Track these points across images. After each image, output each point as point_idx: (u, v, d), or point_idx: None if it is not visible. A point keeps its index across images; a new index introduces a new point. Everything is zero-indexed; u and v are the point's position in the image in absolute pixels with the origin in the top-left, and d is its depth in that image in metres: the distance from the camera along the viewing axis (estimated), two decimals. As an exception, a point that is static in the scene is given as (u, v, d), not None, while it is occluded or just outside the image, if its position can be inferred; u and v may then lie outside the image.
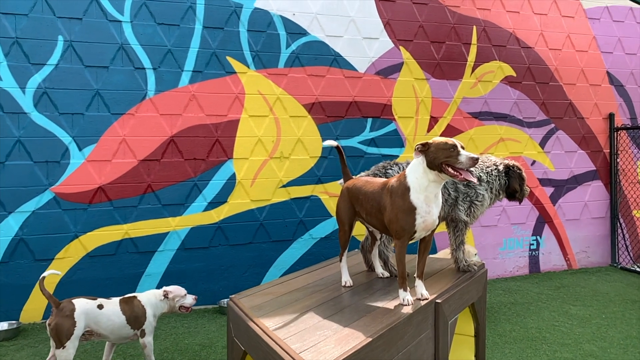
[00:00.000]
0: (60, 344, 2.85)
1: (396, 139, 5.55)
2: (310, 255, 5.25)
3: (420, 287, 2.50)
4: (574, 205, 6.26)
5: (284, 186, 5.13)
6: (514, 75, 5.97)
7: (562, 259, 6.25)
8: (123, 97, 4.63)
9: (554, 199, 6.18)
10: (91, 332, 3.01)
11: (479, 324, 3.12)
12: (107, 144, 4.59)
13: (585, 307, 4.81)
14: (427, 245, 2.47)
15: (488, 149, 5.90)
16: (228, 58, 4.93)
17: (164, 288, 3.26)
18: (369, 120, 5.43)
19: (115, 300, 3.12)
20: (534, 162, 6.09)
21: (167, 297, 3.22)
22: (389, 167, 3.04)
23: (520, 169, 3.11)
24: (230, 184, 4.96)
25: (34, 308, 4.41)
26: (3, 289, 4.33)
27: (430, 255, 4.51)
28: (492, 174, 3.06)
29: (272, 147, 5.08)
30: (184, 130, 4.80)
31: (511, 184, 3.07)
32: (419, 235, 2.40)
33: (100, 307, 3.01)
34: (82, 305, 2.94)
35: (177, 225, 4.81)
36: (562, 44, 6.15)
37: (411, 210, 2.33)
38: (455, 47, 5.73)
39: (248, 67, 4.99)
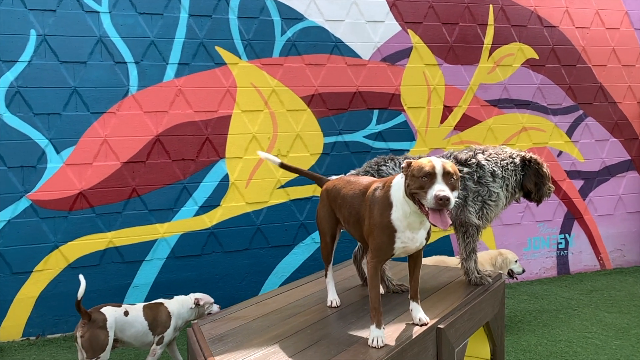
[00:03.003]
0: (94, 356, 2.83)
1: (406, 132, 5.06)
2: (313, 261, 4.82)
3: (417, 310, 2.04)
4: (607, 199, 5.69)
5: (282, 187, 4.71)
6: (537, 57, 5.41)
7: (594, 258, 5.69)
8: (103, 95, 4.27)
9: (583, 192, 5.61)
10: (117, 340, 2.98)
11: (496, 346, 2.64)
12: (87, 146, 4.24)
13: (622, 314, 4.27)
14: (417, 260, 2.01)
15: (509, 139, 5.36)
16: (217, 48, 4.52)
17: (192, 296, 3.24)
18: (375, 112, 4.96)
19: (139, 306, 3.10)
20: (560, 152, 5.53)
21: (199, 305, 3.18)
22: (382, 163, 2.57)
23: (539, 164, 2.60)
24: (223, 185, 4.56)
25: (12, 325, 4.09)
26: (-21, 305, 4.03)
27: (443, 258, 4.02)
28: (507, 168, 2.57)
29: (268, 145, 4.66)
30: (171, 129, 4.42)
31: (524, 181, 2.58)
32: (399, 254, 1.95)
33: (126, 313, 3.00)
34: (111, 314, 2.92)
35: (165, 232, 4.43)
36: (590, 21, 5.56)
37: (391, 231, 1.88)
38: (470, 29, 5.20)
39: (239, 57, 4.57)
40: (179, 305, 3.17)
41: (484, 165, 2.52)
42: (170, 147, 4.42)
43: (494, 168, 2.53)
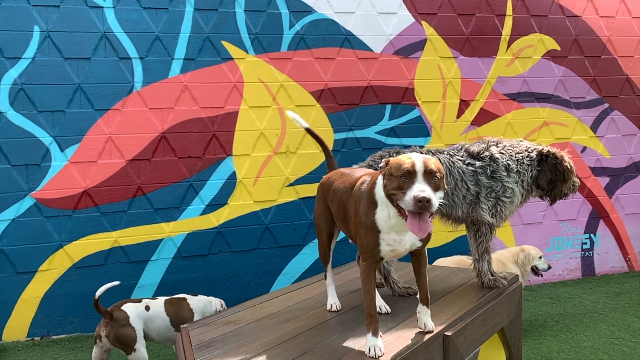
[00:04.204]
0: (130, 349, 2.88)
1: (420, 127, 4.87)
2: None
3: (424, 314, 1.84)
4: (635, 197, 5.40)
5: (291, 184, 4.56)
6: (558, 49, 5.16)
7: (621, 259, 5.41)
8: (107, 91, 4.18)
9: (610, 190, 5.33)
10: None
11: (513, 354, 2.44)
12: (91, 144, 4.16)
13: (653, 319, 4.01)
14: (420, 258, 1.80)
15: (529, 135, 5.12)
16: (224, 43, 4.40)
17: (217, 299, 3.28)
18: (388, 106, 4.78)
19: (161, 300, 3.11)
20: (584, 148, 5.25)
21: (225, 309, 3.13)
22: (387, 156, 2.40)
23: (556, 159, 2.39)
24: (231, 183, 4.44)
25: (17, 325, 4.03)
26: (-17, 305, 3.99)
27: (464, 258, 3.81)
28: (523, 162, 2.37)
29: (276, 141, 4.52)
30: (177, 126, 4.31)
31: (538, 177, 2.37)
32: (389, 257, 1.77)
33: (147, 308, 3.02)
34: (132, 310, 2.95)
35: (171, 231, 4.33)
36: (615, 10, 5.28)
37: (375, 232, 1.70)
38: (487, 20, 4.98)
39: (246, 52, 4.44)
40: (203, 304, 3.18)
41: (497, 158, 2.33)
42: (176, 144, 4.32)
43: (509, 162, 2.34)
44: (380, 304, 2.15)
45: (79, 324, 4.14)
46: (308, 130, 2.36)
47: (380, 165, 1.69)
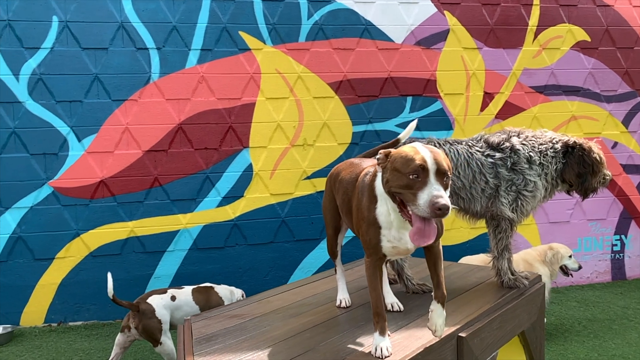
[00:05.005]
0: (156, 342, 2.92)
1: (442, 120, 4.73)
2: (341, 257, 4.56)
3: (437, 315, 1.62)
4: (669, 196, 5.14)
5: (308, 178, 4.48)
6: (588, 40, 4.93)
7: (654, 262, 5.16)
8: (125, 82, 4.17)
9: (642, 188, 5.10)
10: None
11: (534, 359, 2.31)
12: (108, 134, 4.15)
13: (686, 325, 3.79)
14: (434, 253, 1.64)
15: (557, 129, 4.91)
16: (241, 33, 4.34)
17: (238, 290, 3.32)
18: (409, 99, 4.65)
19: (188, 289, 3.13)
20: (615, 144, 5.02)
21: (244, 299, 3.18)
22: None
23: (584, 150, 2.24)
24: (247, 176, 4.38)
25: (34, 311, 4.07)
26: (2, 291, 4.02)
27: (487, 257, 3.67)
28: (546, 154, 2.23)
29: (293, 134, 4.44)
30: (193, 117, 4.28)
31: (564, 171, 2.22)
32: (392, 255, 1.64)
33: (173, 298, 3.03)
34: (158, 302, 2.97)
35: (188, 223, 4.30)
36: (651, -1, 5.03)
37: (376, 228, 1.57)
38: (513, 9, 4.79)
39: (264, 42, 4.37)
40: (228, 292, 3.23)
41: (518, 149, 2.20)
42: (193, 135, 4.28)
43: (531, 153, 2.20)
44: (392, 301, 2.05)
45: (95, 312, 4.16)
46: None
47: (378, 157, 1.50)
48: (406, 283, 2.27)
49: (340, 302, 2.09)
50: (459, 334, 1.78)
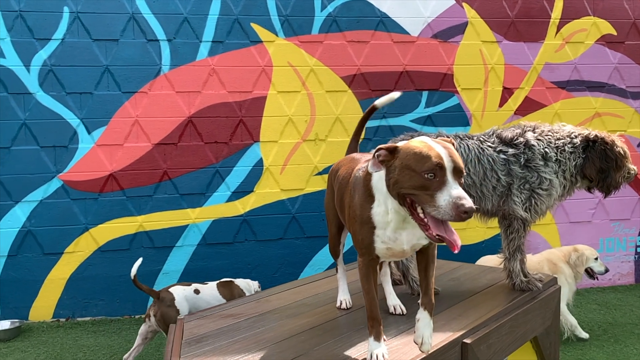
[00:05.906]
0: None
1: (459, 116, 4.58)
2: (351, 255, 4.44)
3: (424, 324, 1.48)
4: (698, 197, 4.91)
5: (319, 173, 4.39)
6: (614, 33, 4.72)
7: (680, 265, 4.95)
8: (135, 74, 4.13)
9: (669, 189, 4.88)
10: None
11: (547, 366, 2.18)
12: (118, 126, 4.12)
13: None
14: (427, 256, 1.52)
15: (579, 126, 4.72)
16: (253, 25, 4.26)
17: (254, 282, 3.41)
18: (425, 93, 4.51)
19: (212, 284, 3.22)
20: (641, 142, 4.82)
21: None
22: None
23: (606, 144, 2.10)
24: (257, 170, 4.31)
25: (43, 306, 4.07)
26: (11, 285, 4.03)
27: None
28: (564, 150, 2.10)
29: (305, 128, 4.35)
30: (204, 110, 4.22)
31: (584, 167, 2.08)
32: (386, 257, 1.52)
33: (196, 292, 3.10)
34: (179, 292, 3.03)
35: (197, 218, 4.25)
36: (682, -10, 4.79)
37: (370, 227, 1.45)
38: (535, 1, 4.61)
39: (276, 34, 4.29)
40: (248, 285, 3.33)
41: (533, 145, 2.07)
42: (203, 129, 4.23)
43: (546, 149, 2.07)
44: (395, 303, 1.94)
45: (102, 308, 4.14)
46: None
47: (378, 153, 1.34)
48: (412, 284, 2.17)
49: (341, 304, 2.00)
50: (464, 340, 1.67)
